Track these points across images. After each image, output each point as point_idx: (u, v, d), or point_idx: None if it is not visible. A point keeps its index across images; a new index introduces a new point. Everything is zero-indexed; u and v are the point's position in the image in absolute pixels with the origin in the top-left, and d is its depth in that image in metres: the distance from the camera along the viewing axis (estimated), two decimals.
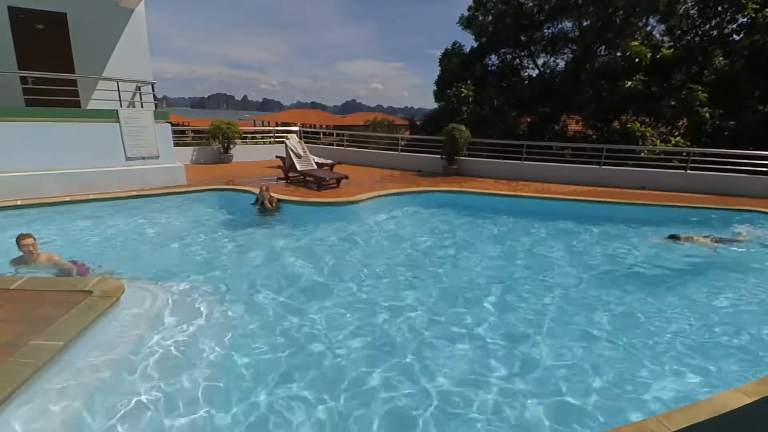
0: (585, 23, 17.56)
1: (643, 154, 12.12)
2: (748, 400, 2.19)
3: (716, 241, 6.32)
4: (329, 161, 11.35)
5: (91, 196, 7.39)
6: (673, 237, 6.40)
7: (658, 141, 13.46)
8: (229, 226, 6.90)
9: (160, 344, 3.39)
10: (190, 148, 12.72)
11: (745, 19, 13.35)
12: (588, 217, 7.87)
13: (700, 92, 12.74)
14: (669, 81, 14.03)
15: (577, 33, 17.90)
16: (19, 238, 4.32)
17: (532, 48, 19.27)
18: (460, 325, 4.06)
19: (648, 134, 13.35)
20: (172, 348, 3.37)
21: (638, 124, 13.47)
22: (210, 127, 12.94)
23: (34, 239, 4.40)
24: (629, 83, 13.48)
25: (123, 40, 10.03)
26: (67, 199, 7.16)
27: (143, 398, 2.80)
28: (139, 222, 6.97)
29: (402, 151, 13.63)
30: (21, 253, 4.37)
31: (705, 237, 6.41)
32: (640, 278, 5.40)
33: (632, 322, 4.19)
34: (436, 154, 12.21)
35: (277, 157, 11.39)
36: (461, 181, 10.60)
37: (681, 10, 14.82)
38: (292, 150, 10.06)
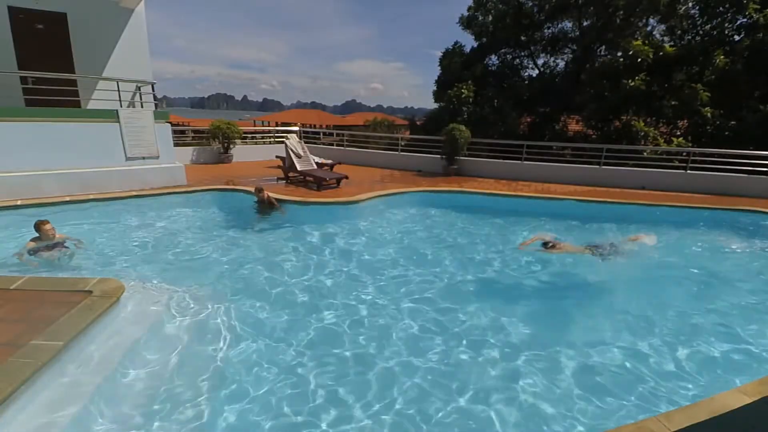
0: (585, 23, 17.57)
1: (645, 154, 12.11)
2: (748, 400, 2.18)
3: (591, 249, 5.84)
4: (329, 161, 11.34)
5: (91, 196, 7.39)
6: (544, 244, 6.01)
7: (662, 141, 13.44)
8: (229, 227, 6.90)
9: (160, 344, 3.39)
10: (190, 148, 12.72)
11: (746, 20, 13.35)
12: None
13: (702, 92, 12.73)
14: (669, 81, 14.02)
15: (577, 33, 17.91)
16: (41, 224, 5.05)
17: (532, 48, 19.28)
18: (457, 322, 4.08)
19: (650, 134, 13.34)
20: (172, 348, 3.37)
21: (642, 123, 13.45)
22: (210, 127, 12.94)
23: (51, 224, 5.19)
24: (632, 82, 13.46)
25: (123, 40, 10.04)
26: (67, 199, 7.16)
27: (144, 398, 2.80)
28: (138, 222, 6.96)
29: (402, 151, 13.63)
30: (37, 235, 5.06)
31: (583, 246, 5.97)
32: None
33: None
34: (436, 154, 12.21)
35: (277, 157, 11.39)
36: (461, 181, 10.59)
37: (681, 10, 14.82)
38: (292, 150, 10.06)
